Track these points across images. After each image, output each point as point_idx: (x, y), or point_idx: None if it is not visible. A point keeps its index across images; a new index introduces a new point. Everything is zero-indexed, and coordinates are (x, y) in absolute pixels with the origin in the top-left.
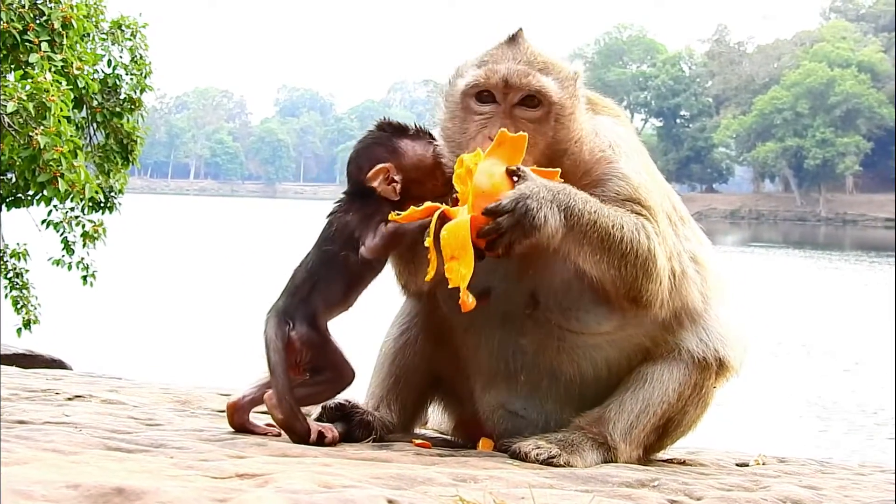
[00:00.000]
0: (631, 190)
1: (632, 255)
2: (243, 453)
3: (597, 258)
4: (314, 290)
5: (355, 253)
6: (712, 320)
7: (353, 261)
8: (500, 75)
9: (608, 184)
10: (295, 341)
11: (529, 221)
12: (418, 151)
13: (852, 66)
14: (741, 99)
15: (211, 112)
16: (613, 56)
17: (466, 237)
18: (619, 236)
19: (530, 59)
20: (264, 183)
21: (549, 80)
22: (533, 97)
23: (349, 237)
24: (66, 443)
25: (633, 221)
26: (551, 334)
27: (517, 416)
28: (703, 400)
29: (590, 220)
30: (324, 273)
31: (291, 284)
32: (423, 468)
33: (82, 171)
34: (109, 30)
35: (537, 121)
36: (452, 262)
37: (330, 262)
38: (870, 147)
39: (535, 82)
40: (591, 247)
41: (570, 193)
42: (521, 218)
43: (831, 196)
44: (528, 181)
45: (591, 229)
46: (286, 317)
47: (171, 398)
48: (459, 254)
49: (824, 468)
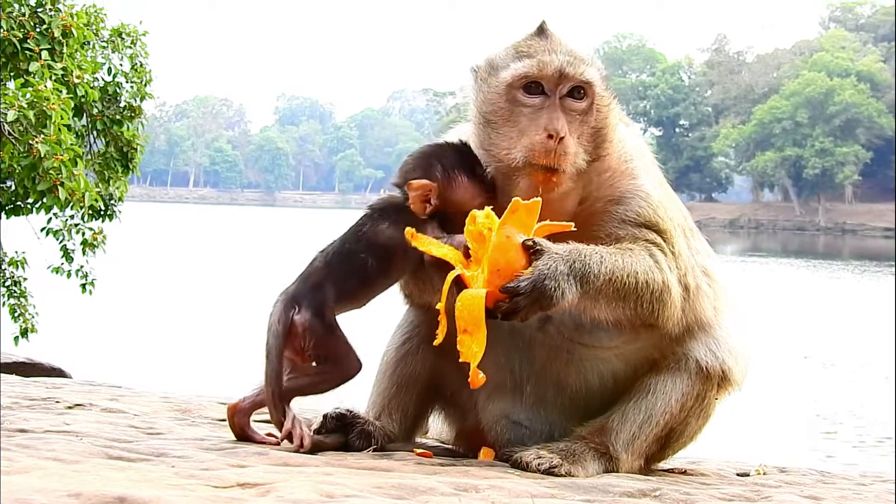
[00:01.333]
0: (651, 213)
1: (646, 294)
2: (244, 462)
3: (612, 306)
4: (327, 280)
5: (377, 261)
6: (722, 331)
7: (373, 266)
8: (554, 66)
9: (630, 202)
10: (297, 326)
11: (547, 301)
12: (469, 193)
13: (851, 76)
14: (740, 108)
15: (210, 120)
16: (613, 65)
17: (481, 315)
18: (633, 283)
19: (571, 52)
20: (263, 191)
21: (594, 70)
22: (580, 88)
23: (377, 245)
24: (67, 451)
25: (646, 263)
26: (561, 347)
27: (521, 426)
28: (705, 411)
29: (605, 279)
30: (340, 268)
31: (307, 270)
32: (424, 477)
33: (82, 180)
34: (110, 38)
35: (583, 112)
36: (465, 335)
37: (349, 260)
38: (869, 157)
39: (585, 71)
40: (606, 300)
41: (584, 258)
42: (539, 297)
43: (830, 205)
44: (545, 255)
45: (607, 286)
46: (294, 302)
47: (172, 407)
48: (472, 330)
49: (825, 478)
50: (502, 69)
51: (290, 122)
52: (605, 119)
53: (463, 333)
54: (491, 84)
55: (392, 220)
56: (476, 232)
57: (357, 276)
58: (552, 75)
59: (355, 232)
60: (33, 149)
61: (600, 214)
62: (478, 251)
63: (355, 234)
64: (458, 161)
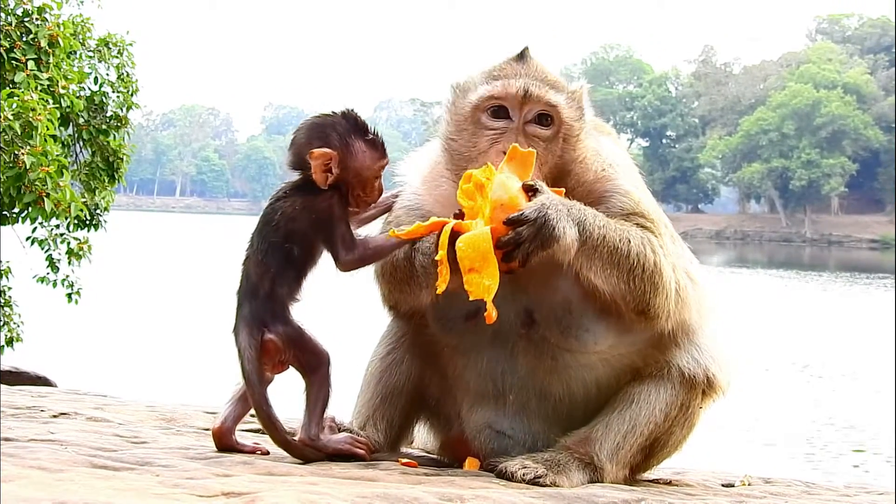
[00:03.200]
0: (633, 205)
1: (639, 268)
2: (229, 472)
3: (607, 272)
4: (274, 284)
5: (299, 245)
6: (705, 339)
7: (297, 253)
8: (519, 89)
9: (611, 199)
10: (276, 343)
11: (549, 232)
12: (367, 158)
13: (838, 88)
14: (727, 120)
15: (197, 129)
16: (600, 76)
17: (489, 248)
18: (626, 250)
19: (543, 77)
20: (250, 201)
21: (562, 97)
22: (546, 116)
23: (293, 232)
24: (51, 460)
25: (639, 235)
26: (545, 353)
27: (504, 435)
28: (689, 420)
29: (600, 234)
30: (276, 265)
31: (248, 284)
32: (409, 487)
33: (68, 191)
34: (96, 48)
35: (547, 139)
36: (472, 274)
37: (278, 254)
38: (855, 168)
39: (553, 98)
40: (601, 261)
41: (581, 208)
42: (542, 228)
43: (816, 217)
44: (546, 194)
45: (602, 244)
46: (258, 322)
47: (157, 416)
48: (481, 265)
49: (810, 489)
50: (471, 91)
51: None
52: (574, 146)
53: (470, 273)
54: (459, 105)
55: (301, 202)
56: (471, 189)
57: (291, 266)
58: (515, 96)
59: (269, 224)
60: (19, 159)
61: None
62: (473, 207)
63: (270, 225)
64: (351, 127)
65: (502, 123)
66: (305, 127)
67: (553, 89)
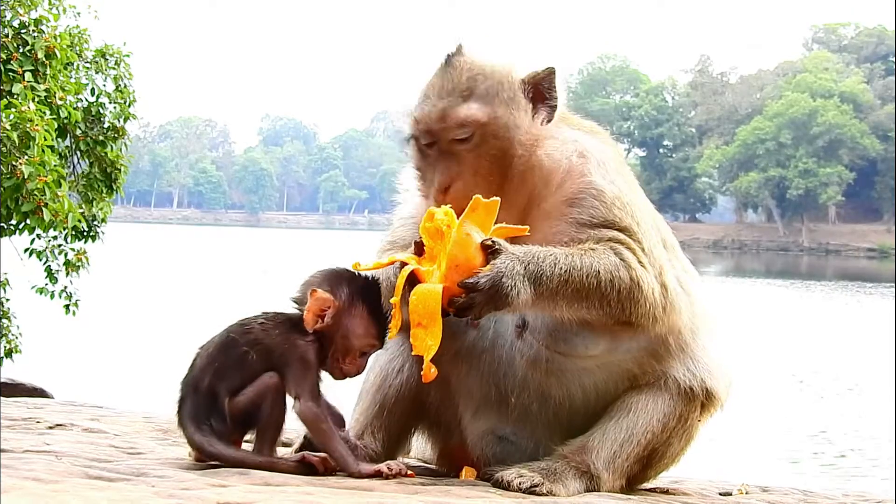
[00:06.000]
0: (605, 211)
1: (613, 292)
2: (225, 482)
3: (574, 307)
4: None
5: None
6: (700, 350)
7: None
8: (420, 127)
9: (583, 203)
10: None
11: (502, 298)
12: (363, 328)
13: (835, 97)
14: (724, 129)
15: (194, 141)
16: (597, 86)
17: (437, 308)
18: (595, 283)
19: (453, 87)
20: (247, 212)
21: (470, 104)
22: (462, 130)
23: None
24: (47, 472)
25: (609, 261)
26: (540, 356)
27: (507, 441)
28: (687, 433)
29: (560, 280)
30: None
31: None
32: (405, 497)
33: (66, 201)
34: (93, 59)
35: (475, 147)
36: (419, 329)
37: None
38: (852, 177)
39: (453, 119)
40: (565, 301)
41: (539, 260)
42: (495, 295)
43: (814, 226)
44: (503, 255)
45: (564, 287)
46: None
47: (153, 427)
48: (427, 323)
49: (807, 497)
50: (405, 123)
51: (274, 142)
52: (507, 136)
53: (417, 327)
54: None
55: (280, 325)
56: (433, 229)
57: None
58: (422, 134)
59: (242, 326)
60: (17, 170)
61: (556, 217)
62: (433, 248)
63: (242, 328)
64: (365, 294)
65: (434, 149)
66: (327, 269)
67: (463, 98)
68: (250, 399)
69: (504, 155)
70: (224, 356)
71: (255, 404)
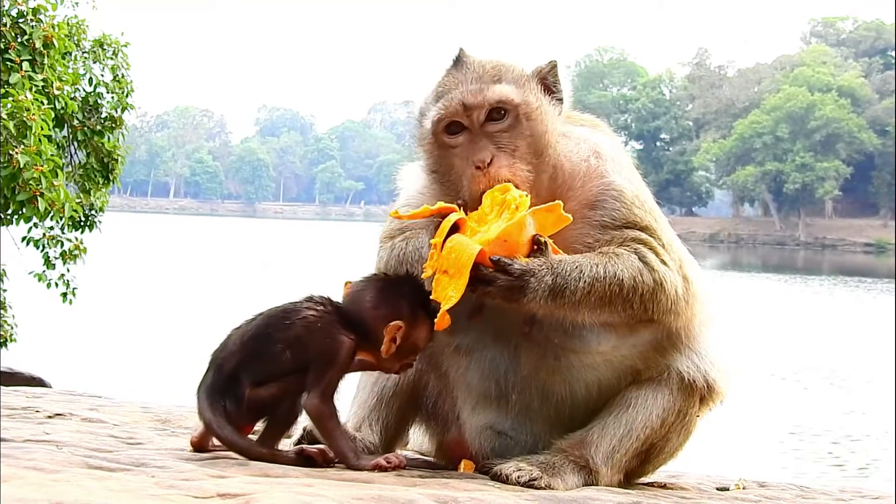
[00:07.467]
0: (626, 212)
1: (636, 297)
2: (225, 473)
3: (597, 313)
4: (241, 366)
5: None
6: (704, 344)
7: (286, 361)
8: (456, 102)
9: (604, 206)
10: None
11: (517, 293)
12: (426, 331)
13: (832, 91)
14: (721, 123)
15: (191, 131)
16: (594, 79)
17: (468, 264)
18: (617, 290)
19: (480, 74)
20: (244, 202)
21: (504, 86)
22: (497, 110)
23: (298, 340)
24: (47, 461)
25: (633, 266)
26: (548, 353)
27: (505, 436)
28: (686, 428)
29: (584, 293)
30: (255, 350)
31: (219, 354)
32: (404, 489)
33: (62, 191)
34: (91, 49)
35: (509, 128)
36: (444, 276)
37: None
38: (849, 172)
39: (491, 95)
40: (588, 308)
41: (568, 271)
42: (514, 287)
43: (810, 220)
44: (543, 258)
45: (586, 298)
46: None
47: (152, 417)
48: (454, 274)
49: (805, 493)
50: (426, 118)
51: (270, 133)
52: (540, 119)
53: (443, 273)
54: (423, 133)
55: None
56: (501, 200)
57: (270, 362)
58: (457, 111)
59: (282, 320)
60: (13, 159)
61: (578, 219)
62: (487, 214)
63: (282, 321)
64: (418, 299)
65: (462, 137)
66: (378, 292)
67: (494, 82)
68: (272, 394)
69: (538, 140)
70: (258, 347)
71: (275, 399)
